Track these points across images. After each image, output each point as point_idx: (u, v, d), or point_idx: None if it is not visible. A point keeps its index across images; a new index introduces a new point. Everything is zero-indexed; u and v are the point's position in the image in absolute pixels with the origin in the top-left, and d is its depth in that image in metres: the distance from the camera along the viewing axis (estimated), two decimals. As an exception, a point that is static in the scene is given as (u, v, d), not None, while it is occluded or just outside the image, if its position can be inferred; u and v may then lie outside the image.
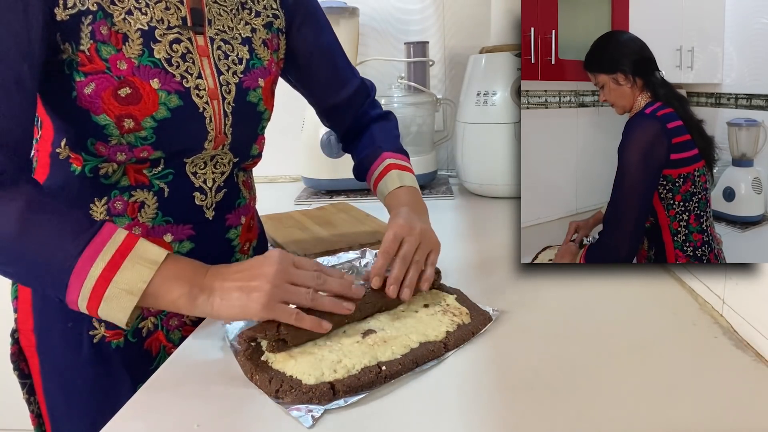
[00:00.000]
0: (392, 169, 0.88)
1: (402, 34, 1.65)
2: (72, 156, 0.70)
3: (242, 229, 0.83)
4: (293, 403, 0.54)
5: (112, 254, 0.57)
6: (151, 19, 0.67)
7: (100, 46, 0.64)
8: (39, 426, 0.80)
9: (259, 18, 0.79)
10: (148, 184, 0.72)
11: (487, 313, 0.70)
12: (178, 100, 0.68)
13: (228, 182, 0.79)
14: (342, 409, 0.54)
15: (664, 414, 0.51)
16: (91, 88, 0.64)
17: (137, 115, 0.66)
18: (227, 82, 0.73)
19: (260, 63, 0.78)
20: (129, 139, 0.67)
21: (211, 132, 0.72)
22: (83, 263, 0.57)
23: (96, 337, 0.74)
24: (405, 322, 0.67)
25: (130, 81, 0.65)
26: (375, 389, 0.56)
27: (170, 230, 0.74)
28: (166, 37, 0.68)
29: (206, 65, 0.71)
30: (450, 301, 0.72)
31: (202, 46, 0.71)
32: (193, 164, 0.74)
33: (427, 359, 0.61)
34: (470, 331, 0.66)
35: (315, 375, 0.56)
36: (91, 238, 0.58)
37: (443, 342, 0.63)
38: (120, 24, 0.65)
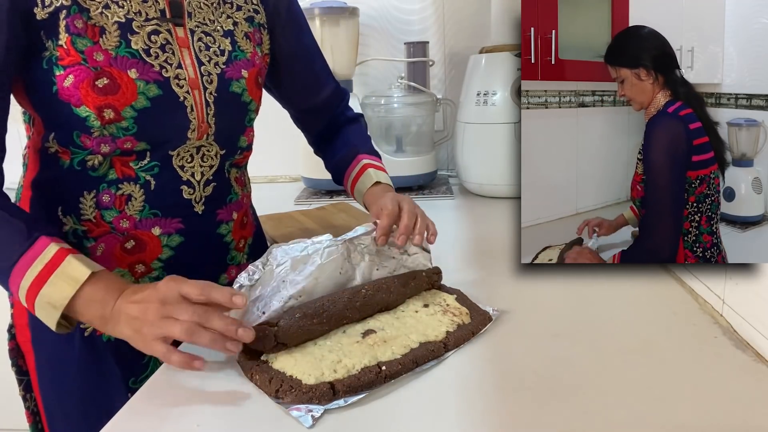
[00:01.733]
0: (368, 168, 0.90)
1: (402, 34, 1.65)
2: (60, 150, 0.71)
3: (234, 225, 0.83)
4: (293, 403, 0.54)
5: (40, 269, 0.61)
6: (128, 11, 0.68)
7: (75, 38, 0.65)
8: (35, 423, 0.80)
9: (240, 12, 0.80)
10: (134, 177, 0.73)
11: (487, 312, 0.70)
12: (157, 90, 0.69)
13: (217, 176, 0.79)
14: (342, 409, 0.54)
15: (665, 414, 0.51)
16: (69, 80, 0.65)
17: (116, 105, 0.67)
18: (208, 72, 0.74)
19: (243, 55, 0.78)
20: (111, 131, 0.68)
21: (193, 121, 0.73)
22: (16, 274, 0.61)
23: (87, 330, 0.75)
24: (405, 321, 0.67)
25: (107, 71, 0.66)
26: (375, 389, 0.56)
27: (158, 223, 0.75)
28: (144, 29, 0.69)
29: (186, 56, 0.72)
30: (450, 301, 0.72)
31: (182, 37, 0.72)
32: (179, 157, 0.74)
33: (427, 359, 0.61)
34: (470, 331, 0.66)
35: (315, 375, 0.56)
36: (24, 251, 0.61)
37: (443, 342, 0.63)
38: (97, 18, 0.66)
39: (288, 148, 1.51)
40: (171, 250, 0.76)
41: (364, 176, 0.90)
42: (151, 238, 0.74)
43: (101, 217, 0.72)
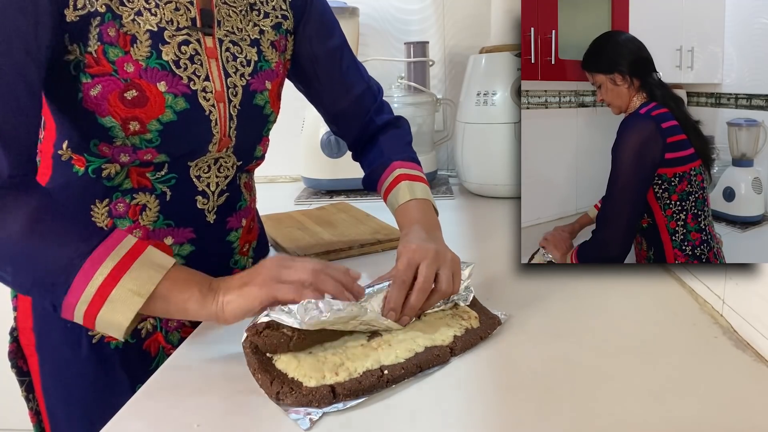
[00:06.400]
0: (402, 180, 0.84)
1: (402, 34, 1.65)
2: (74, 157, 0.69)
3: (243, 231, 0.83)
4: (293, 405, 0.54)
5: (122, 257, 0.57)
6: (161, 20, 0.67)
7: (107, 48, 0.63)
8: (38, 423, 0.80)
9: (267, 19, 0.79)
10: (150, 188, 0.72)
11: (497, 317, 0.69)
12: (184, 103, 0.68)
13: (230, 186, 0.79)
14: (341, 412, 0.53)
15: (665, 414, 0.51)
16: (97, 90, 0.63)
17: (143, 117, 0.66)
18: (234, 85, 0.73)
19: (268, 65, 0.77)
20: (134, 141, 0.67)
21: (216, 135, 0.72)
22: (91, 263, 0.56)
23: (95, 337, 0.74)
24: (413, 324, 0.66)
25: (136, 83, 0.65)
26: (375, 393, 0.56)
27: (171, 233, 0.74)
28: (175, 39, 0.68)
29: (214, 67, 0.71)
30: (461, 304, 0.70)
31: (210, 47, 0.71)
32: (197, 168, 0.74)
33: (432, 364, 0.60)
34: (478, 336, 0.65)
35: (316, 378, 0.56)
36: (102, 240, 0.58)
37: (450, 347, 0.62)
38: (129, 25, 0.65)
39: (288, 148, 1.51)
40: (181, 259, 0.75)
41: (397, 189, 0.84)
42: (163, 248, 0.73)
43: (114, 226, 0.71)
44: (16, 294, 0.77)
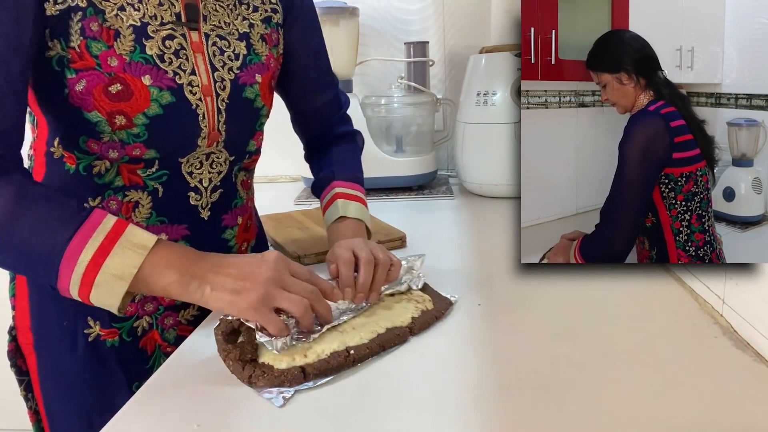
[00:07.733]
0: (339, 198, 0.86)
1: (402, 34, 1.65)
2: (66, 155, 0.70)
3: (239, 229, 0.83)
4: (266, 387, 0.56)
5: (102, 240, 0.57)
6: (144, 15, 0.67)
7: (90, 42, 0.64)
8: (37, 423, 0.80)
9: (257, 13, 0.79)
10: (142, 185, 0.72)
11: (448, 299, 0.74)
12: (170, 97, 0.68)
13: (225, 182, 0.79)
14: (311, 390, 0.57)
15: (664, 414, 0.51)
16: (82, 85, 0.64)
17: (129, 111, 0.66)
18: (222, 78, 0.73)
19: (258, 58, 0.77)
20: (121, 136, 0.67)
21: (204, 129, 0.72)
22: (73, 249, 0.57)
23: (91, 335, 0.74)
24: (374, 310, 0.70)
25: (121, 77, 0.65)
26: (343, 371, 0.59)
27: (165, 230, 0.74)
28: (159, 33, 0.68)
29: (200, 61, 0.71)
30: (413, 288, 0.76)
31: (196, 42, 0.71)
32: (188, 164, 0.74)
33: (394, 343, 0.64)
34: (434, 316, 0.70)
35: (286, 360, 0.59)
36: (80, 225, 0.58)
37: (409, 327, 0.67)
38: (112, 20, 0.65)
39: (288, 148, 1.51)
40: None
41: (332, 207, 0.86)
42: None
43: None
44: (14, 293, 0.77)
